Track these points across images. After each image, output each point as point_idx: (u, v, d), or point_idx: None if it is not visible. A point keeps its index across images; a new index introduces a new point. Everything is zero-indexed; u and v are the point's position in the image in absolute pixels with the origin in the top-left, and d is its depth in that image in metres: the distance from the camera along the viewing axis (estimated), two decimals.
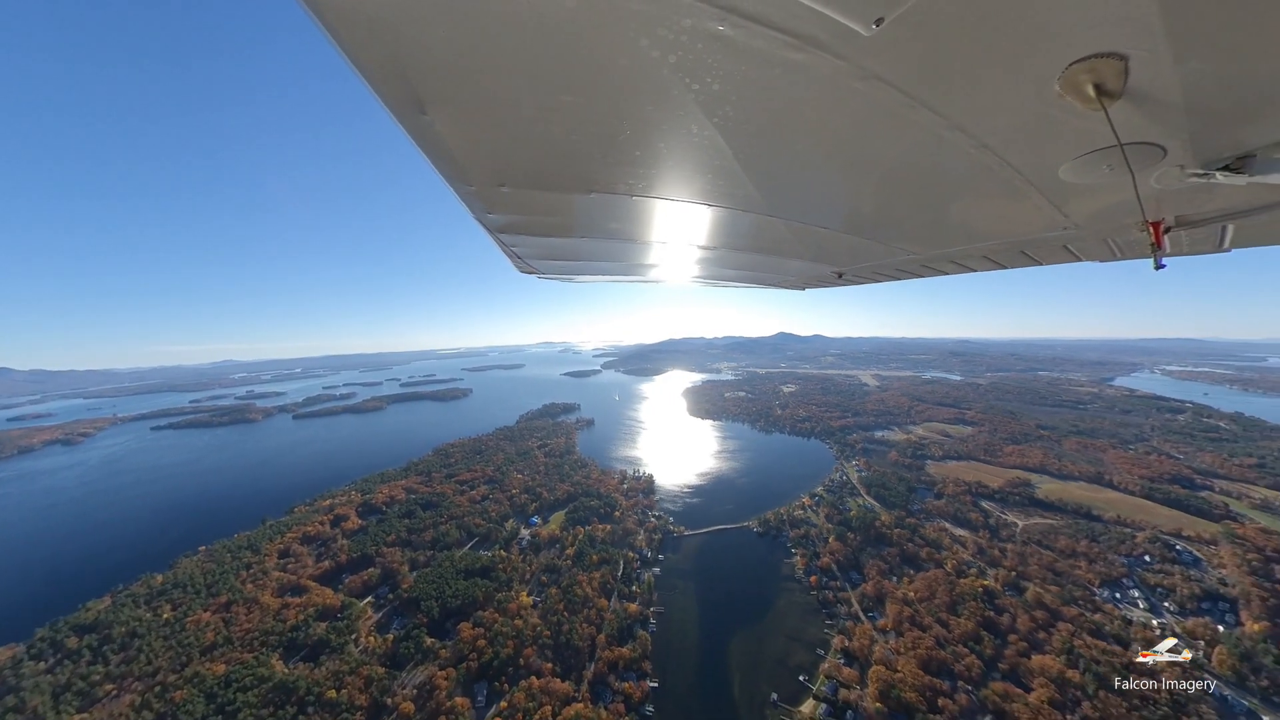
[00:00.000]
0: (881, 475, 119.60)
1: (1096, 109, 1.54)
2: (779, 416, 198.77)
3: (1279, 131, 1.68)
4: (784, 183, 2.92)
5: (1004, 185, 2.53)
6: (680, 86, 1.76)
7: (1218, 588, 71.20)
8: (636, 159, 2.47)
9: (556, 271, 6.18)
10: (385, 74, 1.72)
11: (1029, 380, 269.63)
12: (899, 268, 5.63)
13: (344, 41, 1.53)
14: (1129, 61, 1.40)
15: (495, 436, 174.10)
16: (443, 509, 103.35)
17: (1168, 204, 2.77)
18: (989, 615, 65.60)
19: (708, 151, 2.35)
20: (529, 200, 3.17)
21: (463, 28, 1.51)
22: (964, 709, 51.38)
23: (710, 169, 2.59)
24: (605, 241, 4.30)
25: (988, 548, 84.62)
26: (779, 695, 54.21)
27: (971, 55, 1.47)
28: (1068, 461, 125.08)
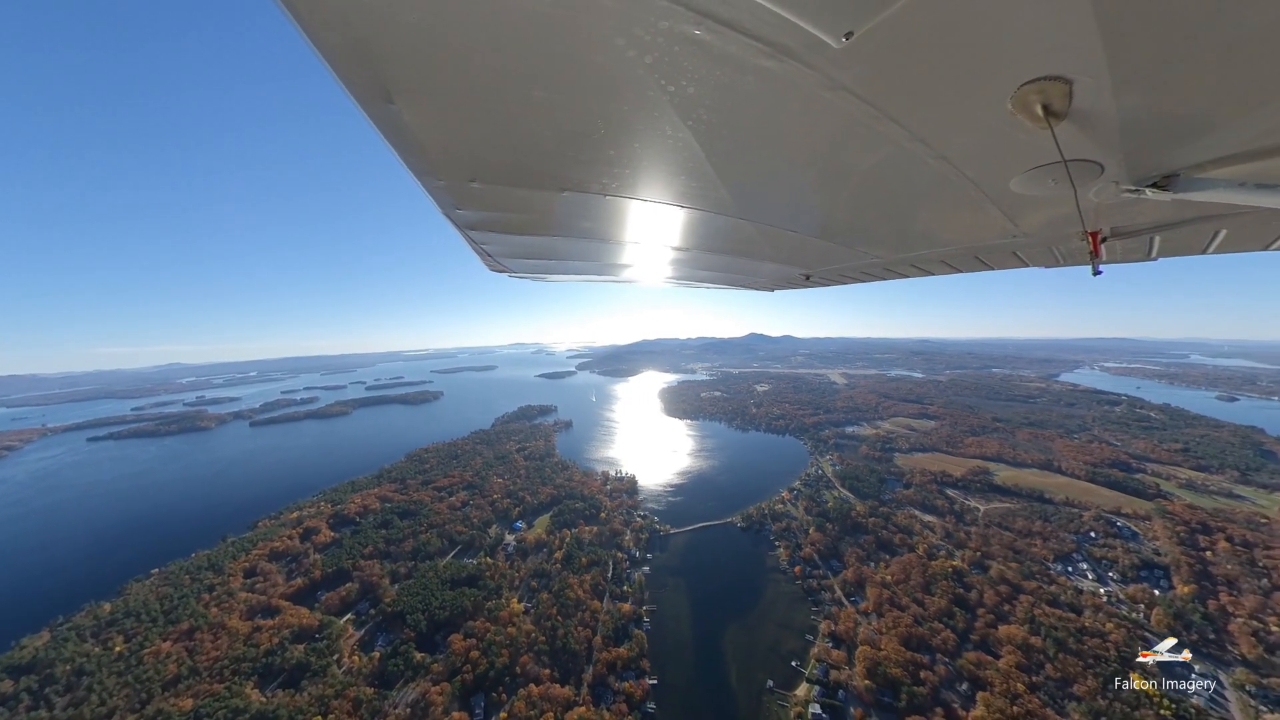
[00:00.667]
0: (854, 468, 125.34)
1: (1044, 128, 1.69)
2: (754, 415, 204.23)
3: (1199, 155, 1.97)
4: (755, 187, 2.97)
5: (961, 195, 2.72)
6: (655, 87, 1.78)
7: (1153, 557, 79.28)
8: (610, 158, 2.47)
9: (528, 270, 6.05)
10: (350, 59, 1.68)
11: (984, 377, 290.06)
12: (863, 270, 5.80)
13: (307, 23, 1.48)
14: (1074, 85, 1.54)
15: (471, 440, 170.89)
16: (421, 517, 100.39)
17: (1104, 216, 3.06)
18: (959, 592, 70.56)
19: (681, 153, 2.37)
20: (500, 197, 3.10)
21: (434, 13, 1.47)
22: (943, 679, 55.28)
23: (683, 171, 2.61)
24: (578, 241, 4.24)
25: (954, 531, 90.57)
26: (774, 682, 56.44)
27: (934, 72, 1.57)
28: (1021, 450, 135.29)
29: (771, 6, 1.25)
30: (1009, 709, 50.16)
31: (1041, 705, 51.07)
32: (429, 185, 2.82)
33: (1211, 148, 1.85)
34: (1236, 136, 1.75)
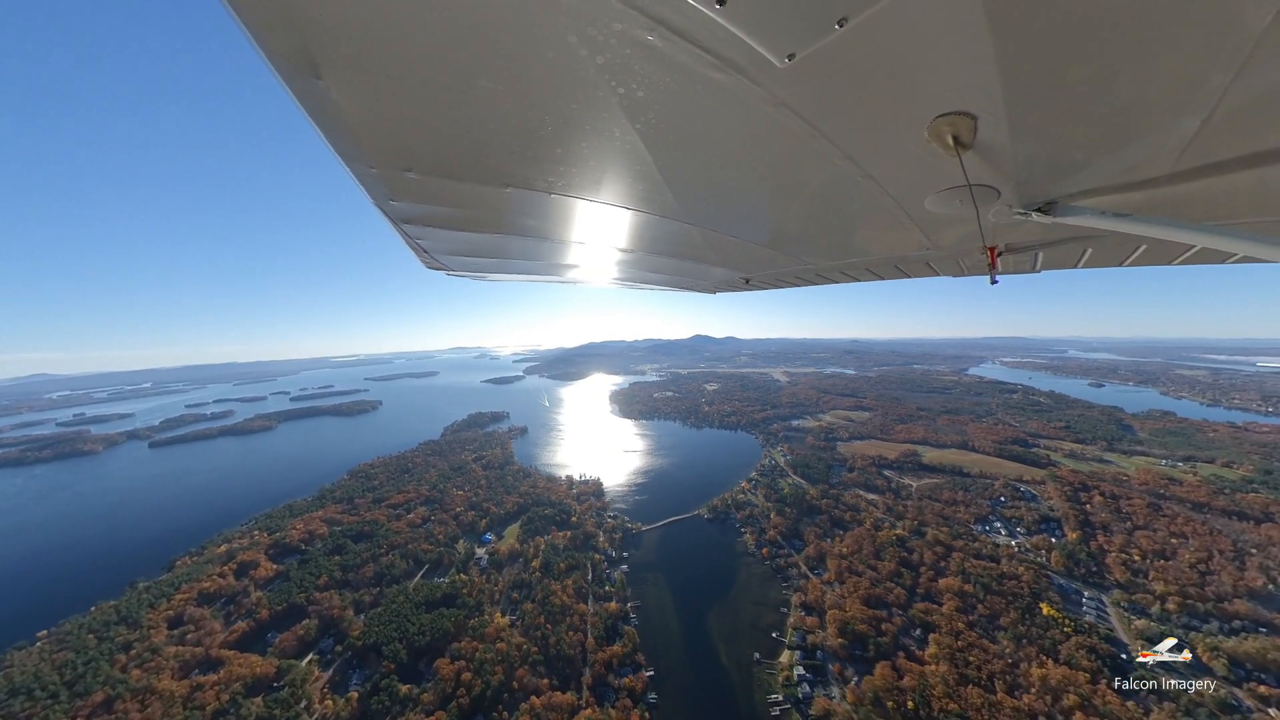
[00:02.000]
0: (803, 457, 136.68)
1: (953, 155, 1.97)
2: (707, 413, 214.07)
3: (1072, 187, 2.40)
4: (700, 193, 3.05)
5: (884, 210, 3.05)
6: (606, 88, 1.79)
7: (1048, 513, 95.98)
8: (557, 156, 2.44)
9: (468, 269, 5.83)
10: (271, 24, 1.52)
11: (907, 372, 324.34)
12: (798, 275, 6.08)
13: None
14: (979, 121, 1.82)
15: (420, 452, 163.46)
16: (379, 539, 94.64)
17: (1000, 234, 3.55)
18: (903, 556, 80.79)
19: (629, 156, 2.40)
20: (438, 190, 2.94)
21: None
22: (900, 627, 63.88)
23: (630, 173, 2.63)
24: (521, 239, 4.15)
25: (894, 506, 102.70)
26: (760, 654, 61.71)
27: (864, 99, 1.77)
28: (942, 434, 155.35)
29: (723, 22, 1.32)
30: (954, 643, 59.48)
31: (979, 637, 61.12)
32: (359, 173, 2.67)
33: (1081, 182, 2.33)
34: (1099, 175, 2.23)
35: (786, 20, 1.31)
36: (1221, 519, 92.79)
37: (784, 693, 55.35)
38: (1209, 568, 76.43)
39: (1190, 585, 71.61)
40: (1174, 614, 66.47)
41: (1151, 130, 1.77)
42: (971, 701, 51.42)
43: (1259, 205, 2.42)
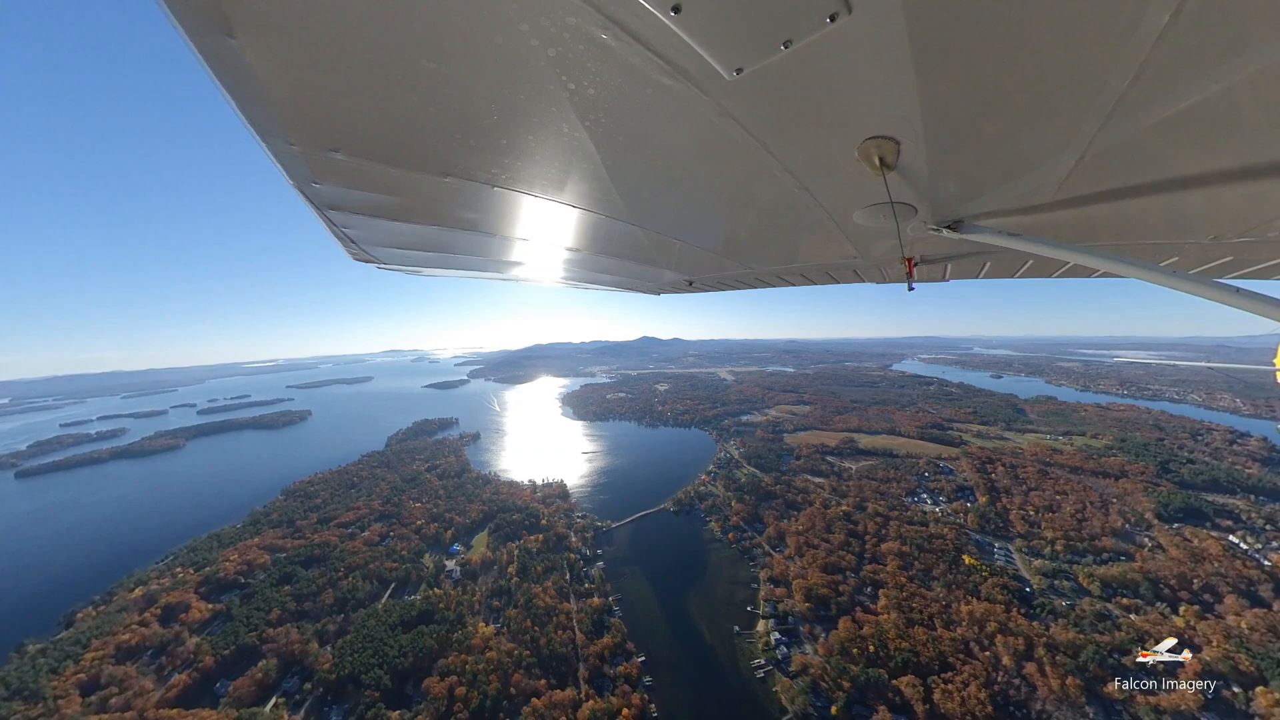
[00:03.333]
0: (755, 449, 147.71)
1: (879, 175, 2.20)
2: (661, 412, 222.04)
3: (975, 210, 2.79)
4: (646, 195, 3.12)
5: (817, 221, 3.30)
6: (556, 82, 1.77)
7: (963, 483, 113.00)
8: (502, 148, 2.36)
9: (401, 262, 5.40)
10: None
11: (840, 369, 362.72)
12: (739, 279, 6.45)
13: None
14: (901, 146, 2.05)
15: (365, 465, 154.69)
16: (333, 562, 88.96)
17: (916, 247, 3.96)
18: (850, 527, 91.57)
19: (577, 154, 2.40)
20: (369, 174, 2.71)
21: None
22: (854, 587, 73.56)
23: (578, 171, 2.63)
24: (460, 232, 3.95)
25: (838, 486, 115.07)
26: (739, 626, 68.07)
27: (802, 117, 1.93)
28: (873, 422, 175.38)
29: (677, 30, 1.37)
30: (899, 595, 69.97)
31: (918, 587, 72.25)
32: (277, 150, 2.35)
33: (983, 205, 2.70)
34: (997, 200, 2.62)
35: (737, 35, 1.39)
36: (1091, 478, 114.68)
37: (765, 656, 62.17)
38: (1084, 515, 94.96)
39: (1071, 530, 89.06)
40: (1061, 553, 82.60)
41: (1038, 167, 2.17)
42: (918, 639, 61.25)
43: (1116, 231, 3.08)
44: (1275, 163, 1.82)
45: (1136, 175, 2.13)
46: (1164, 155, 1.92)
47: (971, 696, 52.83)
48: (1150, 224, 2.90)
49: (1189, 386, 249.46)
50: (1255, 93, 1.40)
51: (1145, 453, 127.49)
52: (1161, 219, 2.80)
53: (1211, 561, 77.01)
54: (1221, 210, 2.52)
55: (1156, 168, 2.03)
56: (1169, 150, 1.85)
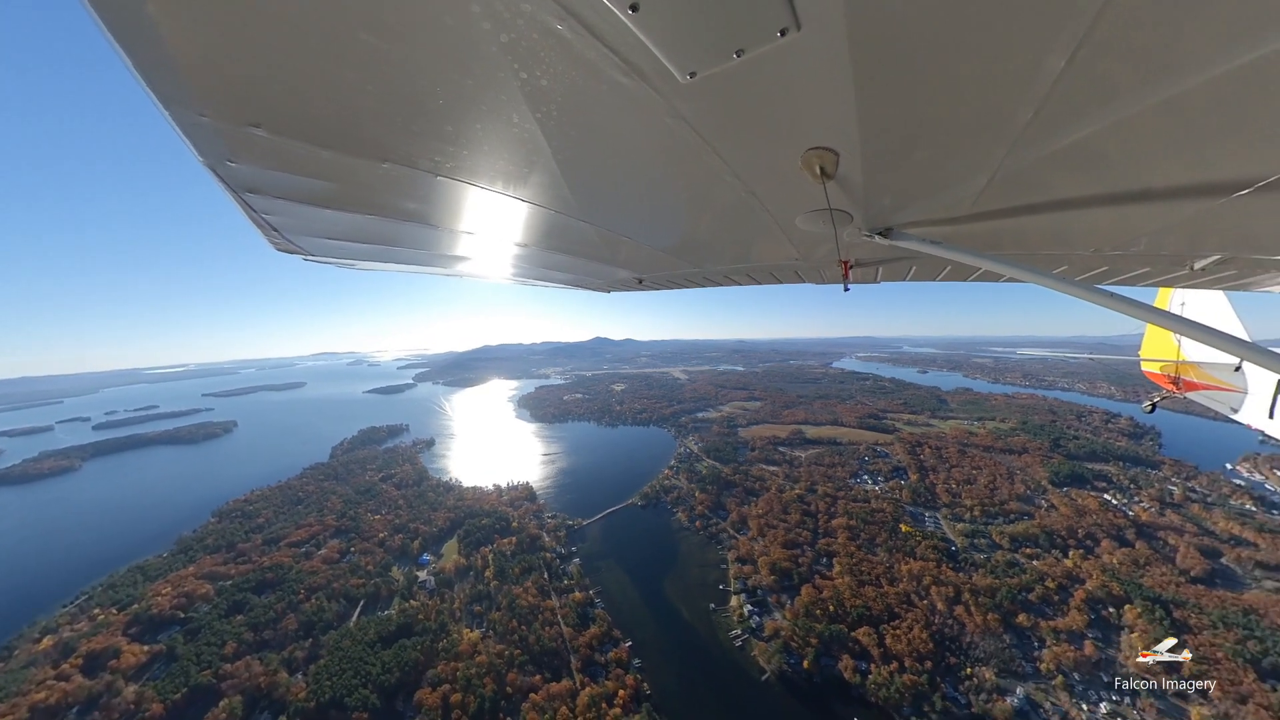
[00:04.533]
0: (713, 444, 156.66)
1: (820, 183, 2.31)
2: (620, 411, 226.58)
3: (902, 219, 3.02)
4: (597, 191, 3.09)
5: (762, 224, 3.45)
6: (507, 69, 1.71)
7: (897, 464, 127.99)
8: (446, 135, 2.23)
9: (332, 254, 4.90)
10: None
11: (787, 367, 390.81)
12: (688, 278, 6.49)
13: None
14: (840, 157, 2.17)
15: (310, 478, 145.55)
16: (290, 585, 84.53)
17: (852, 251, 4.21)
18: (804, 508, 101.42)
19: (527, 146, 2.32)
20: (296, 155, 2.41)
21: None
22: (812, 559, 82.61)
23: (527, 164, 2.55)
24: (399, 223, 3.67)
25: (790, 473, 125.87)
26: (714, 604, 74.58)
27: (751, 124, 1.99)
28: (818, 414, 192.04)
29: (634, 28, 1.37)
30: (850, 561, 79.89)
31: (865, 554, 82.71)
32: (185, 122, 2.04)
33: (910, 215, 2.95)
34: (922, 211, 2.86)
35: (692, 40, 1.42)
36: (1000, 455, 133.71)
37: (740, 627, 68.95)
38: (995, 485, 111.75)
39: (985, 498, 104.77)
40: (978, 517, 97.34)
41: (956, 184, 2.45)
42: (869, 596, 70.95)
43: (1018, 242, 3.59)
44: (1135, 191, 2.38)
45: (1034, 196, 2.57)
46: (1056, 180, 2.36)
47: (915, 637, 62.83)
48: (1044, 237, 3.39)
49: (1076, 377, 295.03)
50: (1122, 133, 1.81)
51: (1041, 432, 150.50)
52: (1053, 233, 3.27)
53: (1091, 515, 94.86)
54: (1098, 228, 3.07)
55: (1050, 190, 2.49)
56: (1059, 176, 2.30)
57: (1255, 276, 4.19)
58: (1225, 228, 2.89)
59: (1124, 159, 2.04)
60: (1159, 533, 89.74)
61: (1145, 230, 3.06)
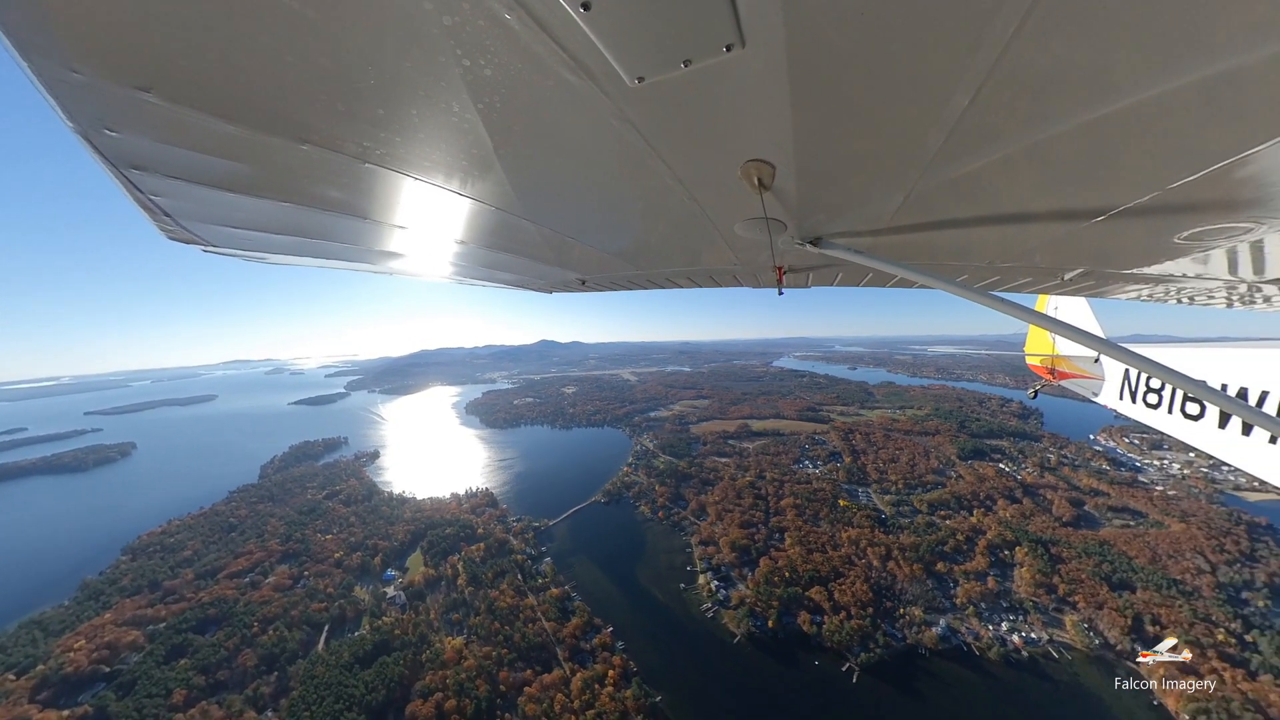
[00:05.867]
0: (667, 440, 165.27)
1: (757, 193, 2.43)
2: (573, 414, 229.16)
3: (830, 230, 3.23)
4: (540, 189, 3.01)
5: (703, 229, 3.56)
6: (449, 54, 1.60)
7: (833, 450, 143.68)
8: (378, 119, 2.03)
9: (237, 245, 4.28)
10: None
11: (731, 367, 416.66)
12: (631, 280, 6.49)
13: None
14: (776, 169, 2.29)
15: (240, 502, 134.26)
16: (239, 618, 79.80)
17: (785, 257, 4.43)
18: (755, 492, 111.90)
19: (466, 137, 2.20)
20: (196, 128, 2.03)
21: None
22: (766, 536, 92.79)
23: (467, 156, 2.41)
24: (320, 213, 3.27)
25: (741, 463, 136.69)
26: (684, 584, 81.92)
27: (694, 133, 2.05)
28: (762, 409, 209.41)
29: (585, 27, 1.35)
30: (799, 535, 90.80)
31: (811, 527, 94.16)
32: (50, 78, 1.68)
33: (837, 226, 3.18)
34: (847, 223, 3.12)
35: (642, 45, 1.43)
36: (917, 437, 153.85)
37: (710, 600, 76.74)
38: (914, 462, 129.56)
39: (906, 473, 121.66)
40: (901, 489, 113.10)
41: (877, 201, 2.68)
42: (817, 561, 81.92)
43: (928, 253, 3.99)
44: (1018, 214, 2.79)
45: (940, 214, 2.88)
46: (957, 202, 2.66)
47: (858, 590, 74.29)
48: (948, 250, 3.85)
49: (978, 370, 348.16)
50: (1008, 167, 2.11)
51: (950, 417, 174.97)
52: (955, 247, 3.71)
53: (989, 481, 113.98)
54: (990, 244, 3.56)
55: (953, 210, 2.80)
56: (961, 199, 2.61)
57: (1109, 286, 4.84)
58: (1087, 246, 3.43)
59: (1009, 188, 2.44)
60: (1040, 490, 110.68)
61: (1026, 247, 3.56)
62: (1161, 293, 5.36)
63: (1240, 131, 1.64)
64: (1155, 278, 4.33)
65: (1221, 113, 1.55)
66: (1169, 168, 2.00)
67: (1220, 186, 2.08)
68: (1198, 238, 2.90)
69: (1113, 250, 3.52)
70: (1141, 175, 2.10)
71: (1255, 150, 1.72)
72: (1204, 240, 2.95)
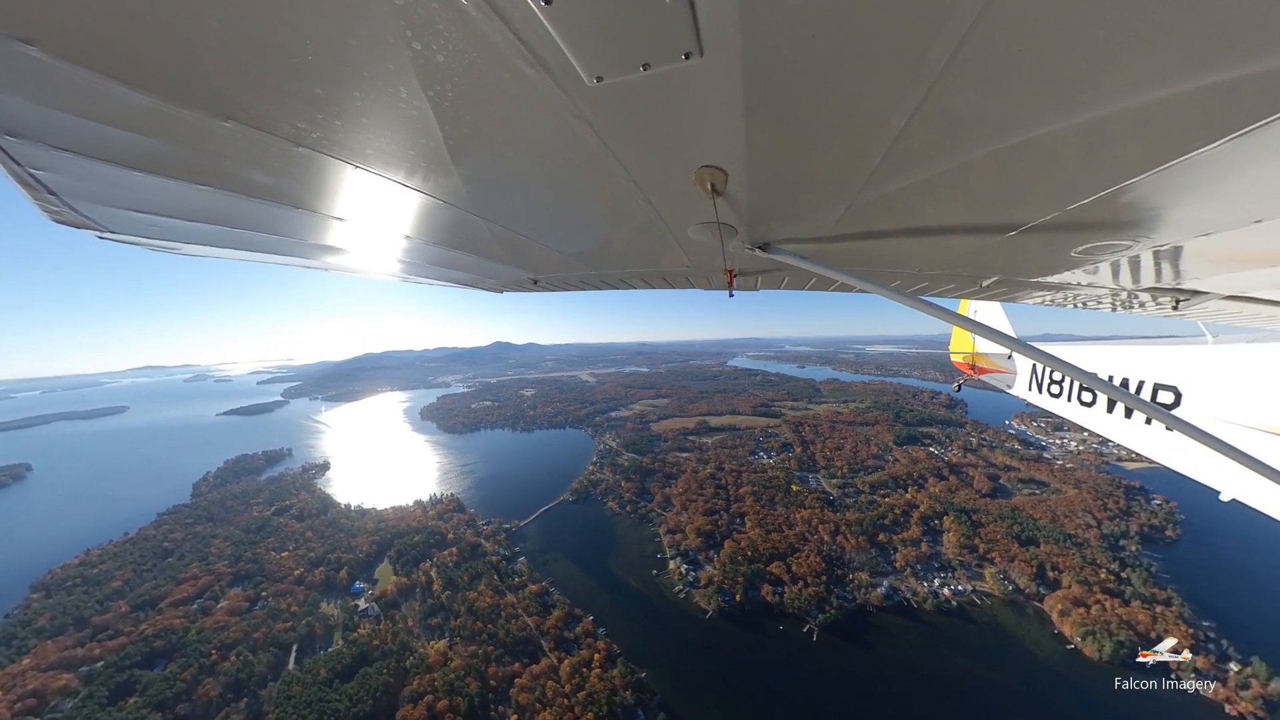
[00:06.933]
0: (630, 439, 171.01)
1: (710, 198, 2.51)
2: (534, 416, 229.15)
3: (777, 235, 3.36)
4: (491, 184, 2.90)
5: (657, 232, 3.62)
6: (399, 35, 1.46)
7: (785, 441, 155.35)
8: (316, 99, 1.81)
9: (141, 232, 3.68)
10: None
11: (688, 366, 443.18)
12: (584, 280, 6.45)
13: None
14: (729, 176, 2.36)
15: (173, 524, 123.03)
16: (192, 647, 75.59)
17: (736, 261, 4.58)
18: (716, 483, 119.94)
19: (415, 125, 2.04)
20: (91, 93, 1.68)
21: None
22: (728, 521, 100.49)
23: (414, 146, 2.25)
24: (244, 199, 2.91)
25: (701, 457, 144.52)
26: (656, 570, 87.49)
27: (650, 136, 2.08)
28: (719, 406, 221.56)
29: (545, 22, 1.33)
30: (758, 518, 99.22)
31: (768, 511, 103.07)
32: None
33: (783, 233, 3.31)
34: (793, 230, 3.25)
35: (602, 44, 1.42)
36: (859, 428, 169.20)
37: (681, 583, 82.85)
38: (857, 449, 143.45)
39: (850, 459, 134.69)
40: (846, 473, 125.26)
41: (821, 211, 2.83)
42: (775, 540, 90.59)
43: (865, 261, 4.29)
44: (942, 227, 3.06)
45: (877, 224, 3.09)
46: (891, 214, 2.89)
47: (812, 562, 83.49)
48: (884, 258, 4.15)
49: (912, 366, 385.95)
50: (933, 186, 2.33)
51: (888, 408, 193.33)
52: (890, 255, 3.99)
53: (922, 462, 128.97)
54: (919, 253, 3.85)
55: (888, 221, 3.04)
56: (894, 211, 2.82)
57: (1020, 292, 5.41)
58: (1000, 258, 3.77)
59: (936, 205, 2.67)
60: (964, 469, 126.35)
61: (950, 257, 3.88)
62: (1062, 298, 5.81)
63: (1121, 164, 1.93)
64: (1056, 285, 4.75)
65: (1106, 149, 1.81)
66: (1066, 192, 2.29)
67: (1107, 209, 2.42)
68: (1089, 252, 3.25)
69: (1021, 261, 3.85)
70: (1044, 198, 2.42)
71: (1134, 180, 2.01)
72: (1094, 254, 3.30)
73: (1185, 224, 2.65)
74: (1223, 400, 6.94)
